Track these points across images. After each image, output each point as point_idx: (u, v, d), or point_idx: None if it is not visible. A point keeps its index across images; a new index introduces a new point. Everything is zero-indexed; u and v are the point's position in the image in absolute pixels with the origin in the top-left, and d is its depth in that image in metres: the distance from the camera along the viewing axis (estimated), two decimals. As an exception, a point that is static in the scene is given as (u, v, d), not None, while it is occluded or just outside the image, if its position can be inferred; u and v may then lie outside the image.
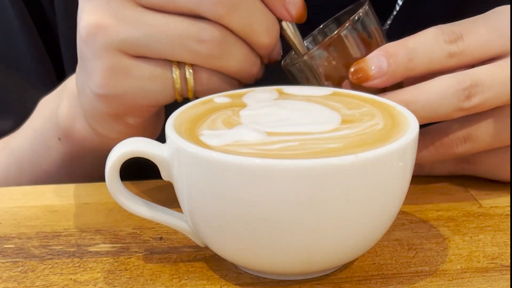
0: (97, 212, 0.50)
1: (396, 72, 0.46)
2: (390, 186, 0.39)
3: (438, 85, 0.46)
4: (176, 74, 0.46)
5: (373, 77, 0.46)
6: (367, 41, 0.48)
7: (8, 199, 0.53)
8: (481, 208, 0.50)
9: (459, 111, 0.46)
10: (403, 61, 0.46)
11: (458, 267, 0.43)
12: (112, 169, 0.41)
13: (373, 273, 0.42)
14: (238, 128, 0.41)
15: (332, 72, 0.48)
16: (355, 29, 0.48)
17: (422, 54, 0.47)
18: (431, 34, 0.47)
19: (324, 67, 0.48)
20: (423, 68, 0.47)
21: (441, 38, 0.47)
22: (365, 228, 0.40)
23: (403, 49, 0.47)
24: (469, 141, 0.49)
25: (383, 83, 0.47)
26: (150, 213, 0.43)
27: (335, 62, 0.48)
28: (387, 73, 0.46)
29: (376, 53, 0.47)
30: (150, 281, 0.42)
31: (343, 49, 0.48)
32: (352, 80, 0.47)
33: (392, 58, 0.46)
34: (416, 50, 0.46)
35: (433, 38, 0.47)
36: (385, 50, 0.47)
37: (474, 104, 0.46)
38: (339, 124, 0.41)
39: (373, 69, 0.46)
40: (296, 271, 0.41)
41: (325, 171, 0.36)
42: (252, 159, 0.36)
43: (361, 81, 0.47)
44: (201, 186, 0.39)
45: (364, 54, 0.48)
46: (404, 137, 0.39)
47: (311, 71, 0.48)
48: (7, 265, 0.44)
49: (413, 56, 0.46)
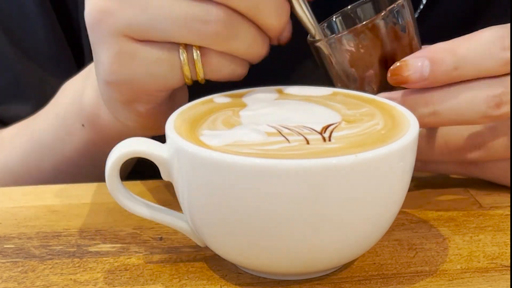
0: (97, 212, 0.50)
1: (437, 79, 0.44)
2: (390, 186, 0.39)
3: (468, 89, 0.44)
4: (183, 57, 0.45)
5: (412, 81, 0.45)
6: (401, 33, 0.46)
7: (8, 199, 0.53)
8: (481, 208, 0.50)
9: (486, 118, 0.45)
10: (447, 69, 0.44)
11: (458, 267, 0.43)
12: (112, 169, 0.41)
13: (373, 273, 0.42)
14: (238, 128, 0.41)
15: (357, 60, 0.47)
16: (391, 19, 0.46)
17: (471, 64, 0.44)
18: (487, 40, 0.44)
19: (350, 53, 0.46)
20: (468, 77, 0.44)
21: (498, 45, 0.44)
22: (365, 228, 0.40)
23: (451, 56, 0.44)
24: (483, 149, 0.48)
25: (420, 87, 0.45)
26: (150, 213, 0.43)
27: (363, 50, 0.46)
28: (428, 79, 0.44)
29: (421, 54, 0.45)
30: (150, 281, 0.42)
31: (374, 38, 0.46)
32: (388, 79, 0.45)
33: (436, 65, 0.44)
34: (465, 59, 0.44)
35: (489, 44, 0.44)
36: (432, 54, 0.44)
37: (502, 112, 0.45)
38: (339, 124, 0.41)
39: (414, 74, 0.44)
40: (296, 271, 0.41)
41: (325, 171, 0.36)
42: (252, 159, 0.36)
43: (397, 83, 0.45)
44: (201, 186, 0.39)
45: (396, 47, 0.46)
46: (404, 137, 0.39)
47: (335, 54, 0.47)
48: (7, 265, 0.44)
49: (460, 65, 0.44)
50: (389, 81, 0.46)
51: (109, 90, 0.48)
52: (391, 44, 0.46)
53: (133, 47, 0.45)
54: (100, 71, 0.47)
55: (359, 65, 0.47)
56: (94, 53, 0.47)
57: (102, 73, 0.46)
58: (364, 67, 0.47)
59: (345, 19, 0.51)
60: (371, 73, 0.47)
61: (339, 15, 0.51)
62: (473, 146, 0.48)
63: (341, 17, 0.51)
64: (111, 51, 0.45)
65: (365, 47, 0.46)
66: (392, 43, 0.46)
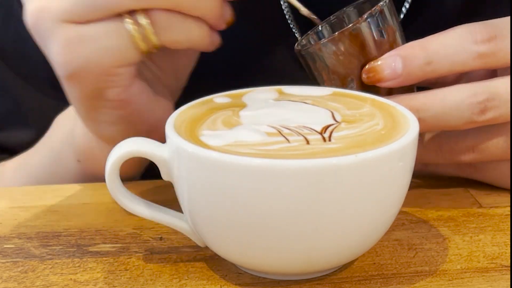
0: (97, 212, 0.50)
1: (411, 75, 0.45)
2: (390, 186, 0.39)
3: (452, 95, 0.45)
4: (129, 25, 0.44)
5: (386, 78, 0.45)
6: (383, 37, 0.47)
7: (8, 199, 0.53)
8: (481, 208, 0.50)
9: (470, 124, 0.45)
10: (420, 64, 0.44)
11: (458, 267, 0.43)
12: (112, 169, 0.41)
13: (373, 273, 0.42)
14: (238, 128, 0.41)
15: (340, 67, 0.47)
16: (372, 23, 0.46)
17: (444, 57, 0.44)
18: (458, 34, 0.45)
19: (332, 60, 0.47)
20: (443, 71, 0.45)
21: (470, 38, 0.44)
22: (365, 228, 0.40)
23: (422, 51, 0.45)
24: (477, 151, 0.48)
25: (396, 84, 0.45)
26: (150, 213, 0.43)
27: (342, 57, 0.46)
28: (401, 75, 0.45)
29: (392, 53, 0.45)
30: (150, 281, 0.42)
31: (356, 43, 0.46)
32: (363, 80, 0.46)
33: (408, 61, 0.45)
34: (437, 53, 0.44)
35: (460, 39, 0.44)
36: (403, 51, 0.45)
37: (487, 118, 0.45)
38: (339, 124, 0.41)
39: (387, 71, 0.45)
40: (296, 271, 0.41)
41: (325, 171, 0.36)
42: (252, 159, 0.36)
43: (373, 82, 0.45)
44: (201, 186, 0.39)
45: (379, 51, 0.46)
46: (404, 137, 0.39)
47: (321, 61, 0.47)
48: (7, 265, 0.44)
49: (432, 59, 0.44)
50: (364, 81, 0.46)
51: (72, 87, 0.47)
52: (370, 49, 0.46)
53: (78, 30, 0.44)
54: (57, 69, 0.46)
55: (341, 71, 0.47)
56: (46, 52, 0.46)
57: (58, 69, 0.46)
58: (344, 73, 0.47)
59: (332, 27, 0.51)
60: (353, 79, 0.47)
61: (325, 24, 0.51)
62: (466, 148, 0.48)
63: (327, 25, 0.51)
64: (58, 41, 0.45)
65: (344, 54, 0.47)
66: (372, 48, 0.46)
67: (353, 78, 0.47)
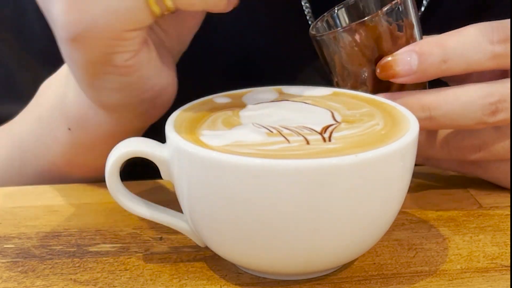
0: (97, 212, 0.50)
1: (426, 72, 0.44)
2: (390, 186, 0.39)
3: (465, 95, 0.44)
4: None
5: (400, 74, 0.45)
6: (401, 31, 0.46)
7: (8, 199, 0.53)
8: (481, 208, 0.50)
9: (481, 124, 0.45)
10: (436, 62, 0.44)
11: (458, 267, 0.43)
12: (112, 169, 0.41)
13: (373, 273, 0.42)
14: (238, 128, 0.41)
15: (354, 57, 0.46)
16: (392, 17, 0.45)
17: (460, 56, 0.44)
18: (475, 33, 0.44)
19: (346, 50, 0.46)
20: (459, 70, 0.45)
21: (486, 38, 0.44)
22: (365, 228, 0.40)
23: (439, 48, 0.44)
24: (484, 150, 0.48)
25: (410, 81, 0.45)
26: (150, 213, 0.43)
27: (357, 49, 0.46)
28: (416, 72, 0.44)
29: (409, 49, 0.45)
30: (150, 281, 0.42)
31: (372, 36, 0.45)
32: (377, 74, 0.45)
33: (424, 57, 0.44)
34: (454, 51, 0.44)
35: (477, 38, 0.44)
36: (419, 47, 0.44)
37: (498, 120, 0.45)
38: (339, 124, 0.41)
39: (401, 66, 0.44)
40: (296, 271, 0.41)
41: (325, 171, 0.36)
42: (252, 159, 0.36)
43: (387, 77, 0.45)
44: (201, 186, 0.39)
45: (395, 45, 0.46)
46: (404, 137, 0.39)
47: (335, 49, 0.46)
48: (7, 265, 0.44)
49: (449, 58, 0.44)
50: (378, 76, 0.46)
51: (75, 52, 0.42)
52: (387, 43, 0.46)
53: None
54: (60, 31, 0.42)
55: (354, 62, 0.47)
56: (46, 13, 0.42)
57: (61, 31, 0.41)
58: (358, 65, 0.47)
59: (348, 11, 0.50)
60: (366, 71, 0.47)
61: (342, 7, 0.50)
62: (474, 146, 0.48)
63: (344, 9, 0.50)
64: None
65: (359, 45, 0.46)
66: (388, 42, 0.46)
67: (366, 70, 0.47)
